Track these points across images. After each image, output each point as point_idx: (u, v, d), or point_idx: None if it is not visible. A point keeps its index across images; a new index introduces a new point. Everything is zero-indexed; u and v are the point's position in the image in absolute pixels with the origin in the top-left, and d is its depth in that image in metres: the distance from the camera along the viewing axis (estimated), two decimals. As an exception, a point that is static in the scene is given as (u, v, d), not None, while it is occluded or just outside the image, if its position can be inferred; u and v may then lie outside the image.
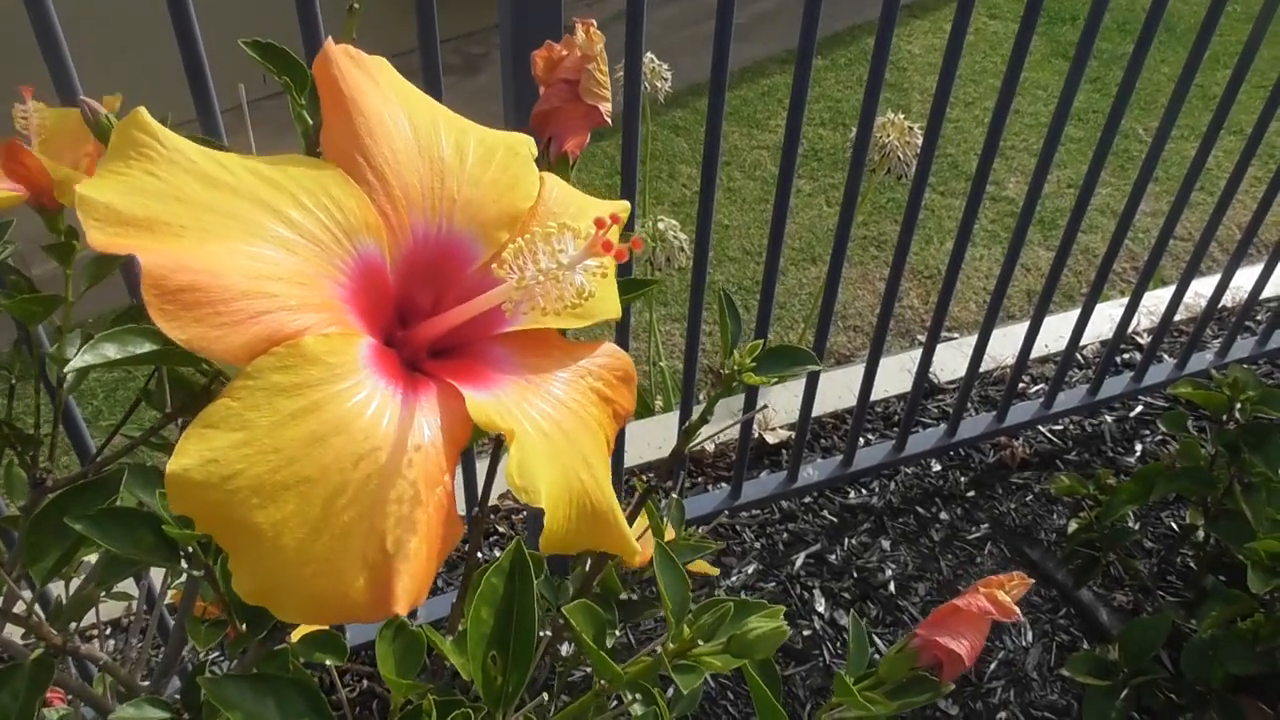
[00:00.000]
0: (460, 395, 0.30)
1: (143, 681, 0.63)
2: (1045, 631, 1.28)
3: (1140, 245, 2.33)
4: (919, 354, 1.32)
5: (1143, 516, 1.42)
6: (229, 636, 0.55)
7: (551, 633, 0.69)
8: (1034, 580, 1.33)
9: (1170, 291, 1.47)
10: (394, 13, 1.77)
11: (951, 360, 1.70)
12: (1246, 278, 1.56)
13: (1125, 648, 1.09)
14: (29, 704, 0.50)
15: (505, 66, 0.82)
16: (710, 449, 1.50)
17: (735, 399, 1.50)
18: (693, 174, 2.48)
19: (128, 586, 1.00)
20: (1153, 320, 1.71)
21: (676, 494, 0.88)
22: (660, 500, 1.18)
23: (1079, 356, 1.74)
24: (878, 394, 1.61)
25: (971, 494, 1.47)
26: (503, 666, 0.49)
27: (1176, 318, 1.72)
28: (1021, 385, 1.66)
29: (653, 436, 1.51)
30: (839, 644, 1.25)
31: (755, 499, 1.35)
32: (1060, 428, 1.58)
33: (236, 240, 0.27)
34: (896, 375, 1.65)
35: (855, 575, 1.34)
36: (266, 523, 0.25)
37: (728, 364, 0.59)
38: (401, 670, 0.53)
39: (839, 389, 1.61)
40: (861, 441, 1.51)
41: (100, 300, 0.71)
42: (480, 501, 1.06)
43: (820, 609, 1.30)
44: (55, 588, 0.81)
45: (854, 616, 0.66)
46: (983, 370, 1.67)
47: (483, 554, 1.34)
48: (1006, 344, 1.68)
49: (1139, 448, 1.56)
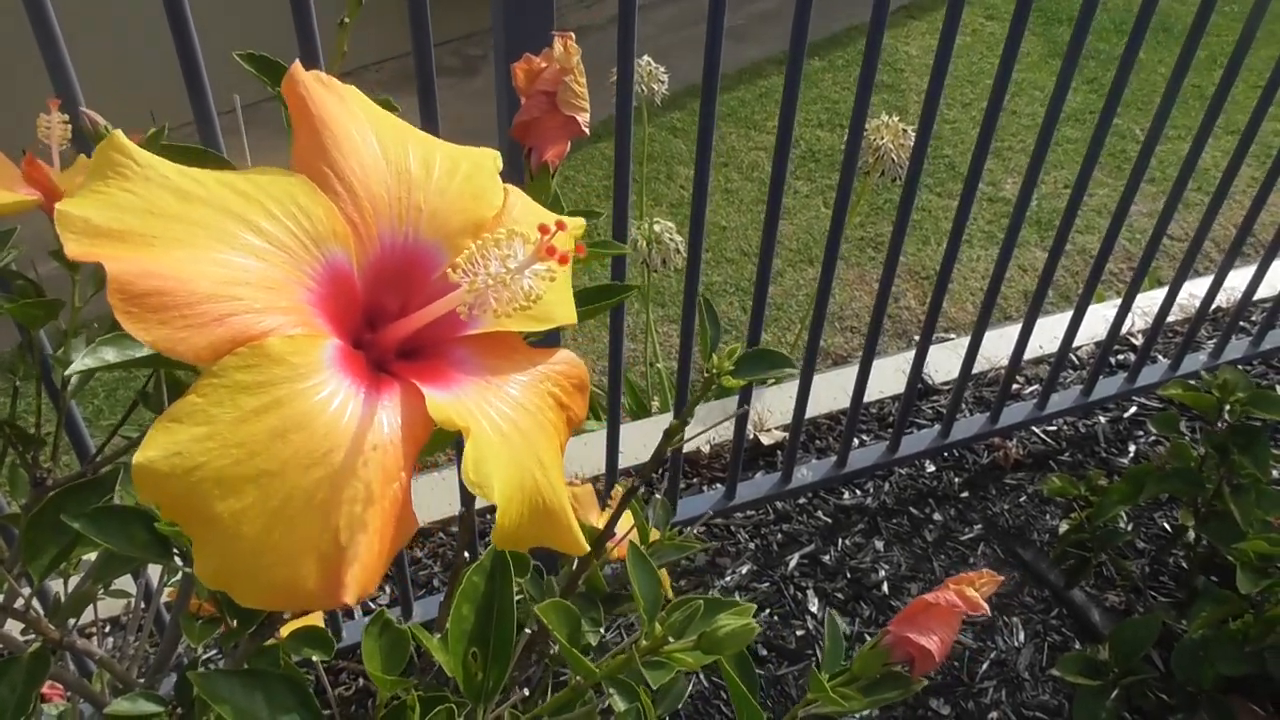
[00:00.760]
0: (422, 395, 0.31)
1: (139, 678, 0.64)
2: (1037, 632, 1.29)
3: (1137, 246, 2.34)
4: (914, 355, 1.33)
5: (1135, 517, 1.43)
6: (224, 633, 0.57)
7: (539, 629, 0.70)
8: (1025, 581, 1.34)
9: (1164, 292, 1.47)
10: (396, 15, 1.80)
11: (946, 361, 1.70)
12: (1241, 278, 1.57)
13: (1116, 648, 1.09)
14: (26, 695, 0.52)
15: (499, 69, 0.84)
16: (705, 450, 1.51)
17: (731, 400, 1.51)
18: (690, 175, 2.49)
19: (126, 584, 1.01)
20: (1147, 321, 1.71)
21: (664, 495, 0.90)
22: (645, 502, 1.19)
23: (1073, 357, 1.74)
24: (873, 395, 1.62)
25: (965, 495, 1.47)
26: (483, 662, 0.50)
27: (1171, 318, 1.73)
28: (1016, 386, 1.67)
29: (650, 438, 1.52)
30: (832, 644, 1.26)
31: (750, 500, 1.36)
32: (1054, 429, 1.59)
33: (204, 248, 0.28)
34: (892, 376, 1.65)
35: (849, 576, 1.35)
36: (227, 513, 0.26)
37: (706, 367, 0.61)
38: (387, 666, 0.54)
39: (834, 390, 1.62)
40: (856, 442, 1.52)
41: (104, 302, 0.72)
42: (469, 500, 1.08)
43: (814, 609, 1.31)
44: (55, 585, 0.82)
45: (830, 615, 0.67)
46: (977, 371, 1.67)
47: (481, 553, 1.35)
48: (1001, 345, 1.69)
49: (1133, 449, 1.56)
